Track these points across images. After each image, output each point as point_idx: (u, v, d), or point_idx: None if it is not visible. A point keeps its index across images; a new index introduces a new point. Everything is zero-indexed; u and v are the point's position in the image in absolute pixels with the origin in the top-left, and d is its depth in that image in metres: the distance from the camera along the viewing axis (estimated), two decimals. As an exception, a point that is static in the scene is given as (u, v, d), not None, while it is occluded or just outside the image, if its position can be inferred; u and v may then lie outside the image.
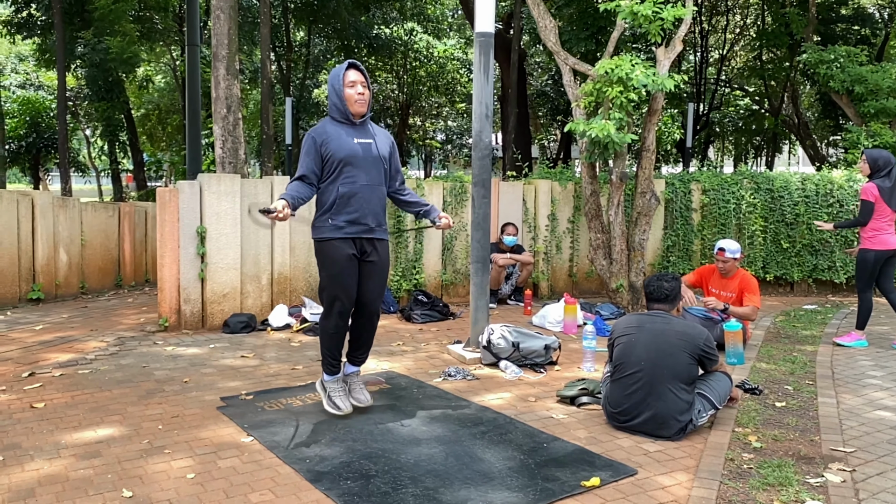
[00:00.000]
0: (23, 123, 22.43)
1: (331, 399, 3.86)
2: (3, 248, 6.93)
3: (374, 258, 3.79)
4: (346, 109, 3.71)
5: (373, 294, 3.84)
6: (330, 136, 3.67)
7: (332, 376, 3.92)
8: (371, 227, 3.75)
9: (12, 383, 4.41)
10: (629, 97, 6.65)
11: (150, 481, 2.99)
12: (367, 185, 3.72)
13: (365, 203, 3.71)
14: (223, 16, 7.95)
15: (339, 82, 3.70)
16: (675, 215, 8.48)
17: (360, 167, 3.69)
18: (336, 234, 3.67)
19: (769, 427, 3.81)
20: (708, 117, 21.84)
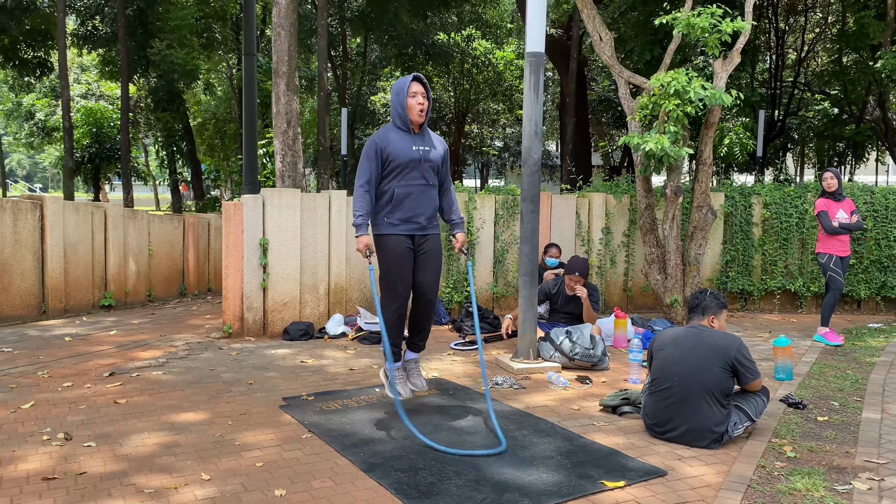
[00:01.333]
0: (86, 134, 23.88)
1: (392, 385, 4.37)
2: (79, 257, 7.73)
3: (426, 249, 4.36)
4: (406, 118, 4.27)
5: (428, 282, 4.39)
6: (391, 141, 4.25)
7: (395, 364, 4.44)
8: (423, 224, 4.33)
9: (96, 382, 5.07)
10: (685, 110, 6.98)
11: (225, 467, 3.54)
12: (421, 187, 4.29)
13: (418, 204, 4.29)
14: (283, 33, 8.63)
15: (404, 92, 4.26)
16: (734, 230, 8.71)
17: (416, 171, 4.27)
18: (392, 231, 4.26)
19: (807, 439, 4.12)
20: (783, 123, 21.66)
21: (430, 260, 4.38)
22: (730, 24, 7.05)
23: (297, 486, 3.35)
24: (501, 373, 5.52)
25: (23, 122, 30.98)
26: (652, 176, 7.68)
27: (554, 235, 8.20)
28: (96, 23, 19.58)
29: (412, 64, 22.98)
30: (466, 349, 6.34)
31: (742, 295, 8.83)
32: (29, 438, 3.88)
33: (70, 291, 7.65)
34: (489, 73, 25.68)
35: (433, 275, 4.41)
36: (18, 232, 7.11)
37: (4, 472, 3.42)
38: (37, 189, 47.93)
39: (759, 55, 21.02)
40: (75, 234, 7.66)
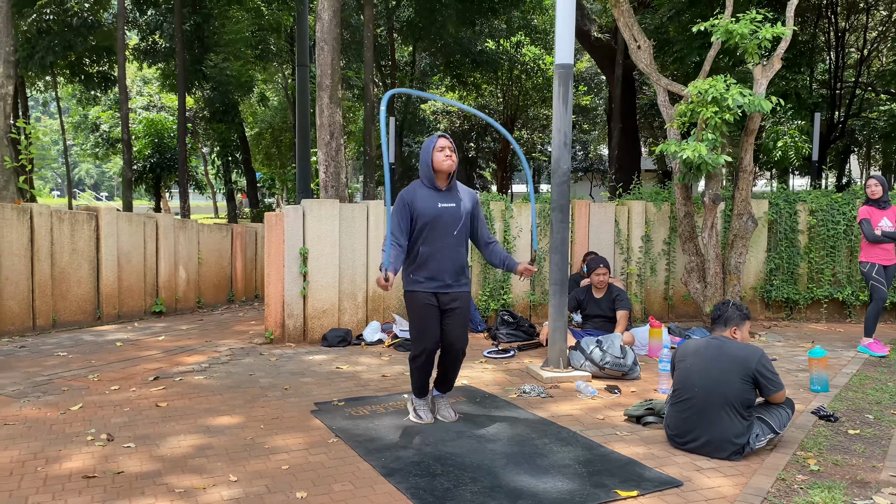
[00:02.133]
0: (148, 144, 24.80)
1: (416, 412, 4.55)
2: (132, 266, 8.11)
3: (453, 306, 4.39)
4: (432, 175, 4.34)
5: (455, 336, 4.43)
6: (418, 197, 4.33)
7: (421, 398, 4.60)
8: (448, 283, 4.37)
9: (141, 385, 5.34)
10: (724, 117, 6.94)
11: (252, 469, 3.72)
12: (446, 247, 4.34)
13: (443, 263, 4.34)
14: (327, 47, 8.88)
15: (430, 149, 4.37)
16: (779, 237, 8.57)
17: (441, 230, 4.32)
18: (417, 288, 4.35)
19: (833, 452, 4.08)
20: (845, 125, 21.04)
21: (458, 316, 4.41)
22: (769, 30, 6.98)
23: (318, 488, 3.50)
24: (531, 381, 5.59)
25: (89, 133, 32.30)
26: (692, 183, 7.64)
27: (592, 244, 8.21)
28: (156, 38, 20.36)
29: (460, 71, 23.17)
30: (499, 357, 6.43)
31: (787, 304, 8.67)
32: (75, 438, 4.14)
33: (123, 298, 8.03)
34: (538, 79, 25.70)
35: (461, 329, 4.45)
36: (75, 242, 7.51)
37: (49, 469, 3.67)
38: (103, 198, 49.91)
39: (818, 55, 20.49)
40: (128, 244, 8.04)
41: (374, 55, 21.29)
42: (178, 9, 15.90)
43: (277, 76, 26.54)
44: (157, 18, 19.19)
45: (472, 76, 24.17)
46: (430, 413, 4.55)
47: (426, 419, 4.49)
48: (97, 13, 18.66)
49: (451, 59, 21.74)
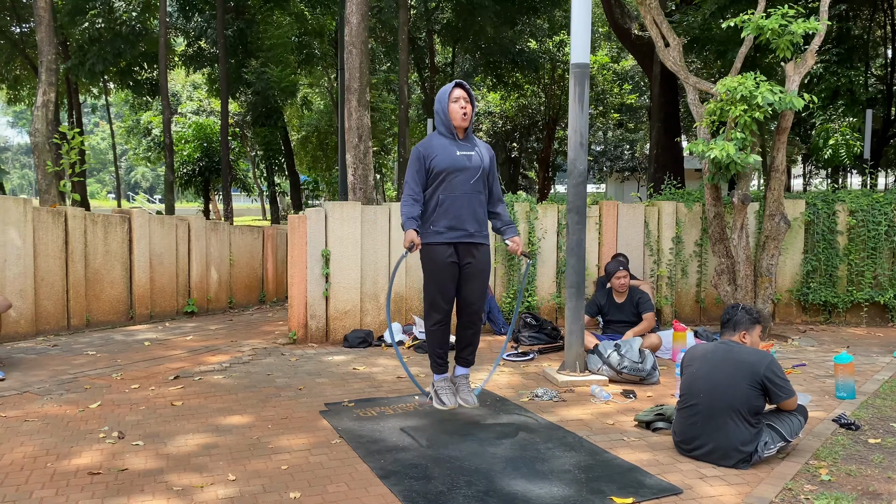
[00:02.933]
0: (196, 148, 25.40)
1: (438, 396, 4.40)
2: (164, 267, 8.32)
3: (472, 261, 4.27)
4: (449, 123, 4.25)
5: (473, 295, 4.32)
6: (434, 148, 4.23)
7: (440, 375, 4.46)
8: (470, 231, 4.23)
9: (160, 385, 5.47)
10: (754, 116, 6.76)
11: (252, 469, 3.77)
12: (467, 193, 4.22)
13: (464, 209, 4.20)
14: (355, 50, 8.95)
15: (445, 98, 4.26)
16: (816, 238, 8.31)
17: (460, 176, 4.20)
18: (437, 239, 4.20)
19: (849, 462, 3.93)
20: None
21: (477, 273, 4.29)
22: (801, 25, 6.78)
23: (312, 489, 3.53)
24: (546, 385, 5.54)
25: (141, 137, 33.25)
26: (721, 184, 7.46)
27: (620, 245, 8.09)
28: (202, 44, 20.85)
29: (500, 72, 23.08)
30: (518, 360, 6.38)
31: (825, 307, 8.39)
32: (88, 435, 4.26)
33: (155, 299, 8.25)
34: (581, 79, 25.40)
35: (479, 288, 4.33)
36: (109, 243, 7.74)
37: (59, 465, 3.79)
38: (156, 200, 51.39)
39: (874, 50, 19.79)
40: (161, 245, 8.25)
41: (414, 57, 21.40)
42: (221, 15, 16.24)
43: (323, 80, 26.86)
44: (202, 25, 19.64)
45: (514, 76, 24.05)
46: (452, 396, 4.38)
47: (449, 404, 4.33)
48: (145, 21, 19.19)
49: (492, 59, 21.67)
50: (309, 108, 25.92)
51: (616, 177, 34.61)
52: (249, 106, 20.85)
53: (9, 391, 5.19)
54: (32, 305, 7.03)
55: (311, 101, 27.19)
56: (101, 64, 18.49)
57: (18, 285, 6.89)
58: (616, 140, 33.33)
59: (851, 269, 8.28)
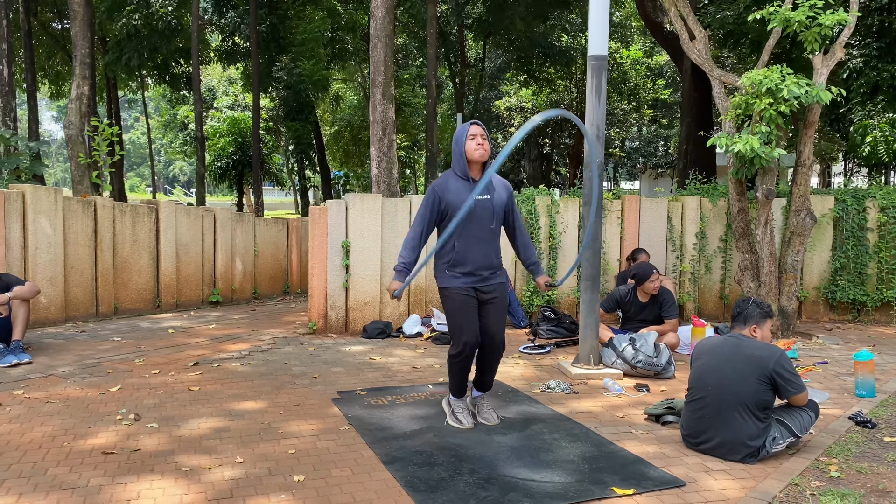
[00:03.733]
0: (231, 142, 25.78)
1: (454, 415, 4.39)
2: (190, 257, 8.48)
3: (491, 297, 4.29)
4: (465, 165, 4.23)
5: (495, 328, 4.31)
6: (450, 190, 4.22)
7: (458, 398, 4.46)
8: (485, 276, 4.26)
9: (181, 370, 5.59)
10: (779, 109, 6.66)
11: (260, 452, 3.85)
12: (481, 240, 4.22)
13: (478, 258, 4.22)
14: (380, 44, 9.01)
15: (463, 137, 4.25)
16: (845, 235, 8.15)
17: (475, 223, 4.20)
18: (454, 283, 4.23)
19: (861, 460, 3.87)
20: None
21: (496, 308, 4.30)
22: (829, 17, 6.65)
23: (317, 473, 3.59)
24: (559, 377, 5.53)
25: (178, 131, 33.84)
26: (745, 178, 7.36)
27: (643, 240, 8.03)
28: (236, 39, 21.13)
29: (532, 67, 23.01)
30: (534, 353, 6.38)
31: (853, 305, 8.23)
32: (105, 417, 4.38)
33: (181, 288, 8.41)
34: (614, 73, 25.24)
35: (500, 320, 4.33)
36: (136, 233, 7.91)
37: (75, 444, 3.91)
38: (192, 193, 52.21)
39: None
40: (187, 236, 8.41)
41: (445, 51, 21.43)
42: (253, 10, 16.45)
43: (356, 75, 27.02)
44: (236, 20, 19.91)
45: (546, 71, 23.95)
46: (470, 417, 4.36)
47: (466, 424, 4.30)
48: (180, 16, 19.51)
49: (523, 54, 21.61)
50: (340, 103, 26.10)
51: (650, 173, 34.27)
52: (281, 101, 21.08)
53: (34, 374, 5.35)
54: (62, 292, 7.23)
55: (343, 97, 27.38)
56: (137, 59, 18.86)
57: (49, 272, 7.09)
58: (650, 136, 33.01)
59: (881, 267, 8.10)
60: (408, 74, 23.33)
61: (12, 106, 13.84)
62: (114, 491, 3.32)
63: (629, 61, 25.32)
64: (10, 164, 8.74)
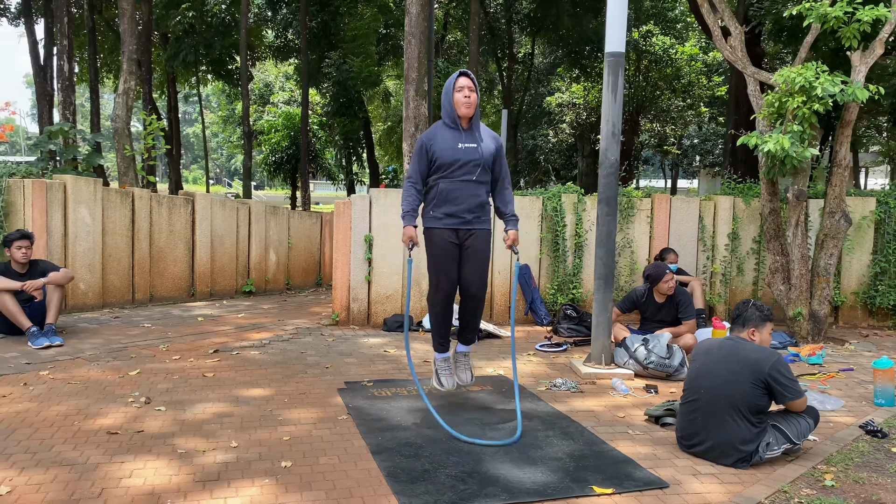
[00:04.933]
0: (285, 136, 26.30)
1: (437, 376, 4.55)
2: (225, 248, 8.73)
3: (470, 245, 4.36)
4: (454, 114, 4.31)
5: (472, 277, 4.39)
6: (437, 139, 4.32)
7: (441, 354, 4.57)
8: (468, 219, 4.34)
9: (200, 357, 5.78)
10: (813, 108, 6.47)
11: (255, 438, 3.96)
12: (465, 183, 4.30)
13: (462, 199, 4.30)
14: (414, 41, 9.08)
15: (451, 88, 4.33)
16: (886, 238, 7.85)
17: (460, 168, 4.28)
18: (436, 224, 4.34)
19: (862, 470, 3.76)
20: None
21: (475, 255, 4.37)
22: (868, 12, 6.42)
23: (305, 460, 3.68)
24: (568, 375, 5.51)
25: (236, 126, 34.69)
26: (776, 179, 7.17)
27: (672, 240, 7.90)
28: (289, 35, 21.55)
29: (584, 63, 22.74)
30: (550, 350, 6.37)
31: (894, 311, 7.92)
32: (118, 399, 4.57)
33: (216, 277, 8.67)
34: (668, 70, 24.73)
35: (477, 270, 4.40)
36: (173, 224, 8.19)
37: (84, 424, 4.10)
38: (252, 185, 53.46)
39: None
40: (222, 227, 8.66)
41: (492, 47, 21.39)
42: (304, 7, 16.76)
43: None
44: (288, 17, 20.29)
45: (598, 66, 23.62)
46: (451, 378, 4.52)
47: (448, 385, 4.48)
48: (234, 13, 19.99)
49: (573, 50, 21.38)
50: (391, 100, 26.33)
51: (707, 171, 33.48)
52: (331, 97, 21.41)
53: (63, 356, 5.61)
54: (100, 279, 7.54)
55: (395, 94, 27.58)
56: (193, 55, 19.43)
57: (87, 260, 7.40)
58: (707, 134, 32.22)
59: (925, 273, 7.78)
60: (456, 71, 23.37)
61: (71, 100, 14.45)
62: (109, 469, 3.48)
63: (685, 57, 24.75)
64: (67, 155, 9.12)
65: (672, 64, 24.53)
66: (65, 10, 14.10)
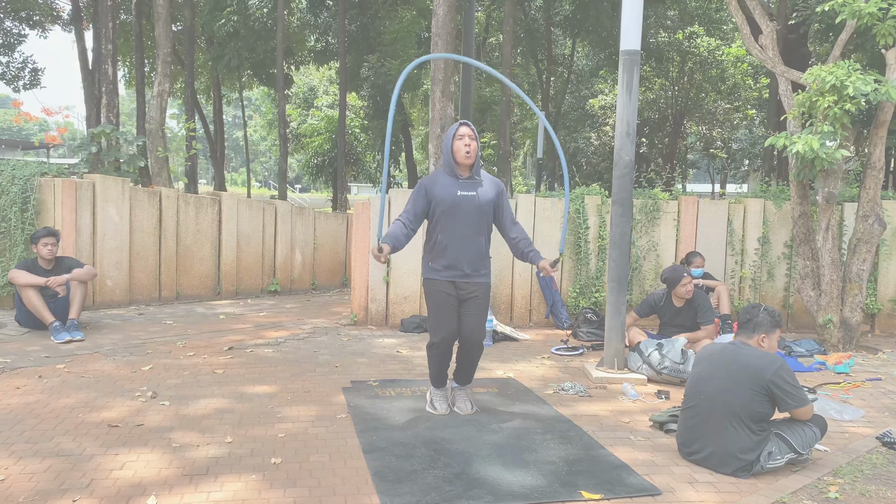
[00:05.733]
0: (327, 139, 26.61)
1: (432, 402, 4.53)
2: (251, 247, 8.85)
3: (471, 296, 4.34)
4: (452, 163, 4.32)
5: (472, 328, 4.36)
6: (437, 184, 4.33)
7: (438, 389, 4.55)
8: (466, 272, 4.32)
9: (214, 354, 5.86)
10: (844, 107, 6.26)
11: (251, 434, 3.99)
12: (464, 236, 4.29)
13: (460, 253, 4.29)
14: (441, 42, 9.08)
15: (450, 137, 4.34)
16: (927, 244, 7.54)
17: (458, 219, 4.28)
18: (435, 276, 4.35)
19: (871, 482, 3.60)
20: None
21: (475, 307, 4.35)
22: (904, 8, 6.19)
23: (296, 457, 3.69)
24: (579, 379, 5.42)
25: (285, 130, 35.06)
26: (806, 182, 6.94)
27: (700, 243, 7.72)
28: (329, 39, 21.76)
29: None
30: (565, 354, 6.27)
31: (935, 320, 7.60)
32: (126, 393, 4.66)
33: (241, 276, 8.79)
34: (713, 71, 24.25)
35: (477, 321, 4.37)
36: (199, 223, 8.34)
37: (88, 416, 4.18)
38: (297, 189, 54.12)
39: None
40: (248, 227, 8.78)
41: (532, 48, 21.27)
42: (342, 11, 16.91)
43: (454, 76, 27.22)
44: (328, 21, 20.50)
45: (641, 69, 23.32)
46: (445, 404, 4.48)
47: (441, 410, 4.45)
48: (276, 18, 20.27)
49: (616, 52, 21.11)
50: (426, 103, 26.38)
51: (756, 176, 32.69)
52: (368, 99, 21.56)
53: (82, 351, 5.75)
54: (127, 277, 7.71)
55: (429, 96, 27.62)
56: (236, 58, 19.75)
57: (115, 258, 7.58)
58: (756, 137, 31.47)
59: (967, 280, 7.44)
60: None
61: (115, 103, 14.83)
62: (102, 460, 3.54)
63: (731, 59, 24.25)
64: (109, 156, 9.36)
65: (718, 65, 24.06)
66: (109, 16, 14.49)
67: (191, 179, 16.64)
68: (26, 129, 41.42)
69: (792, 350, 6.54)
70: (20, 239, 6.99)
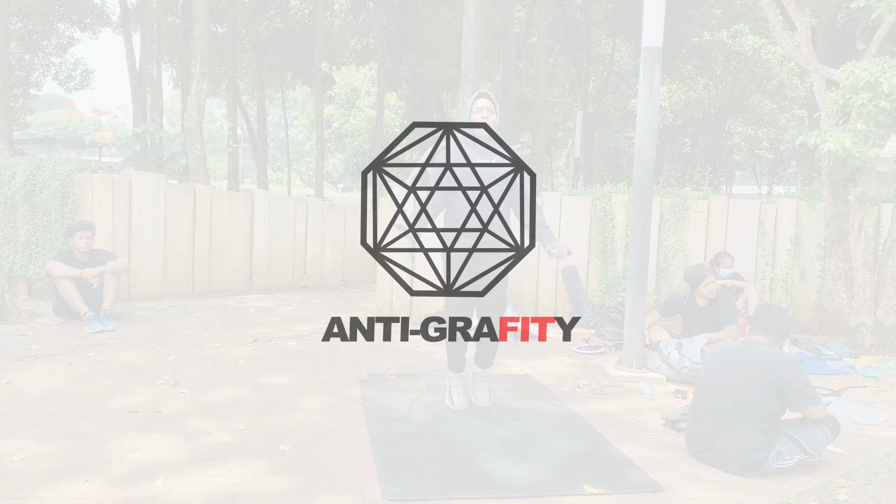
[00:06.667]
0: (367, 139, 26.90)
1: (450, 394, 4.50)
2: (282, 243, 9.01)
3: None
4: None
5: (489, 306, 4.34)
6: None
7: (457, 373, 4.53)
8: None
9: (238, 345, 5.98)
10: (879, 105, 6.11)
11: (263, 422, 4.07)
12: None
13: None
14: (471, 41, 9.10)
15: (468, 109, 4.34)
16: (968, 246, 7.27)
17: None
18: None
19: (885, 486, 3.52)
20: None
21: (493, 291, 4.27)
22: (942, 2, 6.01)
23: (304, 445, 3.76)
24: (597, 378, 5.39)
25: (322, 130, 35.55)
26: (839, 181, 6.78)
27: (730, 244, 7.59)
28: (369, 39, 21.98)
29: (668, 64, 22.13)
30: (587, 353, 6.24)
31: (976, 325, 7.33)
32: (149, 381, 4.80)
33: (272, 272, 8.95)
34: (758, 70, 23.75)
35: (495, 298, 4.34)
36: (232, 219, 8.52)
37: (109, 402, 4.33)
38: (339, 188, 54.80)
39: None
40: (279, 223, 8.94)
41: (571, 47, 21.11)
42: (381, 11, 17.06)
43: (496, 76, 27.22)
44: (369, 21, 20.69)
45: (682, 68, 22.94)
46: (463, 398, 4.45)
47: (458, 405, 4.40)
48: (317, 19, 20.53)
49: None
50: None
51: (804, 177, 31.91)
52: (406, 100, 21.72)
53: (112, 341, 5.93)
54: (161, 270, 7.92)
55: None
56: (278, 58, 20.08)
57: (149, 252, 7.80)
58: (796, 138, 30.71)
59: None
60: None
61: (159, 102, 15.24)
62: (118, 443, 3.67)
63: (776, 57, 23.72)
64: (152, 154, 9.62)
65: (763, 64, 23.58)
66: (154, 18, 14.88)
67: (231, 177, 16.98)
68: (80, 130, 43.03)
69: (821, 352, 6.40)
70: (59, 232, 7.24)
